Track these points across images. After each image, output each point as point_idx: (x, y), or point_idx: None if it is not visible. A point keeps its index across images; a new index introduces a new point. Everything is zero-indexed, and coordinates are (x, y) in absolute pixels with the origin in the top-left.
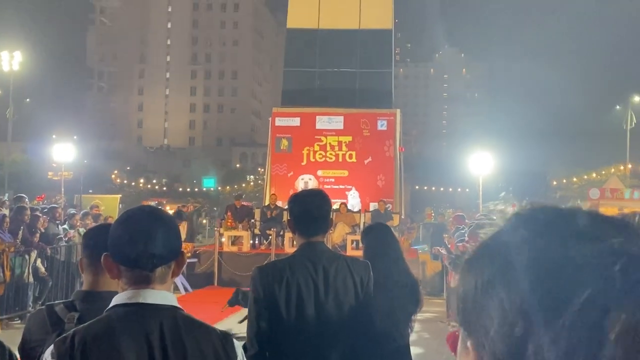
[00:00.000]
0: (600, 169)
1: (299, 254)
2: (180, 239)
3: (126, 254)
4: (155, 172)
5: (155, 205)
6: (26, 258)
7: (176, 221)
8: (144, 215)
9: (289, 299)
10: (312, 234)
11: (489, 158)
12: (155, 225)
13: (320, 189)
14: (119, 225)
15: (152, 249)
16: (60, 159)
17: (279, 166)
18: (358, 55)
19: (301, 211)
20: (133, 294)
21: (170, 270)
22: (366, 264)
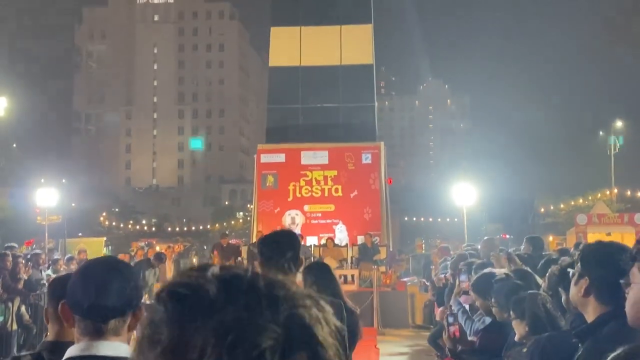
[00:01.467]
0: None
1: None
2: (139, 292)
3: (79, 304)
4: (144, 212)
5: (145, 246)
6: (9, 306)
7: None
8: (101, 267)
9: None
10: (282, 274)
11: (471, 189)
12: (110, 277)
13: (289, 229)
14: (76, 275)
15: (104, 301)
16: (43, 204)
17: (266, 202)
18: (340, 90)
19: (271, 251)
20: (86, 346)
21: (126, 323)
22: (339, 305)
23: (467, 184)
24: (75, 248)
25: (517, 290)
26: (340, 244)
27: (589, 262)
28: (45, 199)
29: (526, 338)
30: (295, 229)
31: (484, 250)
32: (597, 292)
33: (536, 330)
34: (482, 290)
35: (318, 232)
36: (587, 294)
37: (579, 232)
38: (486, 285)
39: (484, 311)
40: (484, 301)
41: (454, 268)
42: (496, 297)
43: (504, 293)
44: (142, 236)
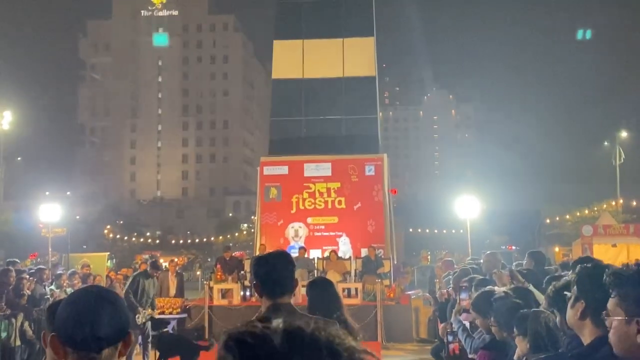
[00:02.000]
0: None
1: (266, 316)
2: (128, 318)
3: (72, 336)
4: (149, 225)
5: (149, 259)
6: (12, 321)
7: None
8: (91, 297)
9: None
10: (278, 295)
11: (474, 201)
12: (102, 307)
13: (283, 250)
14: (66, 307)
15: (98, 332)
16: (47, 219)
17: (269, 215)
18: (343, 102)
19: (266, 273)
20: None
21: (117, 350)
22: (334, 324)
23: (471, 196)
24: (78, 262)
25: (517, 309)
26: (344, 256)
27: (584, 286)
28: (49, 215)
29: (527, 356)
30: (299, 241)
31: (486, 265)
32: (593, 316)
33: (537, 348)
34: (481, 308)
35: (321, 244)
36: (583, 317)
37: (585, 244)
38: (485, 303)
39: (483, 329)
40: (484, 319)
41: (455, 283)
42: (495, 316)
43: (502, 312)
44: (146, 249)
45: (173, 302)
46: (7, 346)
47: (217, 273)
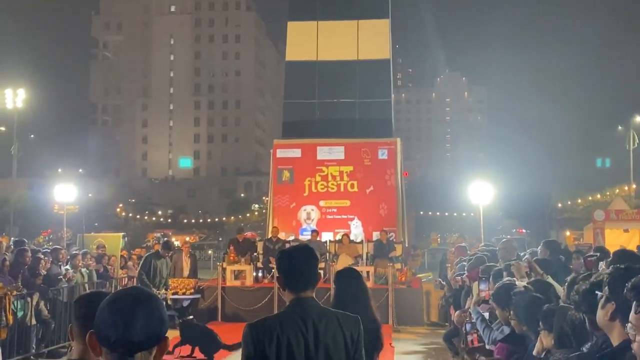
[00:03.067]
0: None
1: (289, 310)
2: (165, 324)
3: (107, 337)
4: (160, 204)
5: (161, 237)
6: (28, 301)
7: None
8: (129, 300)
9: (279, 356)
10: (301, 289)
11: (487, 187)
12: (138, 311)
13: (306, 243)
14: (105, 308)
15: (131, 336)
16: (62, 199)
17: (281, 197)
18: (357, 85)
19: (289, 267)
20: None
21: (152, 355)
22: (356, 319)
23: (484, 182)
24: (93, 242)
25: (537, 304)
26: (356, 239)
27: (616, 287)
28: (64, 195)
29: (550, 351)
30: (311, 224)
31: (502, 253)
32: (623, 317)
33: (562, 344)
34: (501, 301)
35: (333, 227)
36: (612, 319)
37: (597, 228)
38: (506, 296)
39: (502, 321)
40: (503, 311)
41: (470, 271)
42: (515, 310)
43: (522, 306)
44: (158, 227)
45: (186, 282)
46: (22, 325)
47: (230, 254)
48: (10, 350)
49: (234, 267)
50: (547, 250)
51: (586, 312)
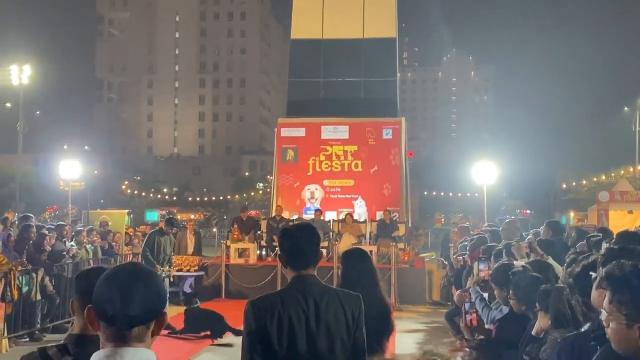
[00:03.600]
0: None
1: (291, 287)
2: (163, 300)
3: (104, 311)
4: (165, 181)
5: (165, 215)
6: (33, 276)
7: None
8: (127, 275)
9: (280, 333)
10: (303, 267)
11: (492, 167)
12: (136, 286)
13: (309, 222)
14: (103, 282)
15: (128, 310)
16: (67, 176)
17: (286, 177)
18: (362, 64)
19: (291, 245)
20: (111, 352)
21: (149, 330)
22: (357, 297)
23: (488, 162)
24: (97, 219)
25: (536, 283)
26: (359, 219)
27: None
28: (69, 171)
29: (548, 331)
30: (315, 203)
31: (505, 233)
32: None
33: (559, 324)
34: (500, 281)
35: (337, 207)
36: None
37: (601, 210)
38: (504, 276)
39: (501, 301)
40: (502, 292)
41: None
42: (514, 289)
43: (521, 286)
44: (163, 205)
45: (191, 259)
46: (28, 300)
47: (234, 233)
48: (16, 325)
49: (237, 245)
50: (549, 231)
51: (580, 294)
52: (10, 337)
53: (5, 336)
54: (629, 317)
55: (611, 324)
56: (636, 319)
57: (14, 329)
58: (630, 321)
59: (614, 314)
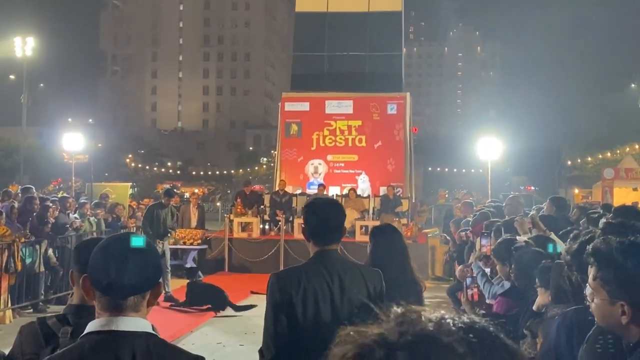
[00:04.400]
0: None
1: (314, 261)
2: (158, 270)
3: (99, 280)
4: (169, 155)
5: (169, 187)
6: (36, 248)
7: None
8: (122, 244)
9: (305, 305)
10: (327, 243)
11: (497, 143)
12: (131, 255)
13: (334, 198)
14: (98, 251)
15: (123, 279)
16: (70, 148)
17: (289, 151)
18: (367, 38)
19: (317, 221)
20: (106, 322)
21: (145, 300)
22: (378, 273)
23: (493, 137)
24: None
25: (537, 259)
26: (363, 194)
27: None
28: (72, 144)
29: (548, 307)
30: (318, 178)
31: (508, 209)
32: None
33: (559, 300)
34: (502, 256)
35: (340, 182)
36: None
37: (605, 187)
38: (506, 251)
39: (503, 276)
40: (504, 267)
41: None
42: (515, 264)
43: (522, 261)
44: (167, 179)
45: (194, 233)
46: (31, 272)
47: (238, 207)
48: (19, 296)
49: (241, 219)
50: (553, 207)
51: (578, 271)
52: (14, 308)
53: (10, 307)
54: (611, 293)
55: (595, 300)
56: (619, 296)
57: (18, 300)
58: (612, 298)
59: (598, 290)
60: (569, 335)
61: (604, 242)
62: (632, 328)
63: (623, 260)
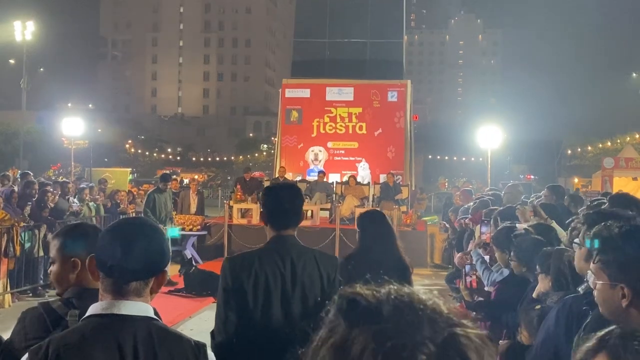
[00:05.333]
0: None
1: (269, 247)
2: (164, 258)
3: (104, 262)
4: (169, 141)
5: (170, 174)
6: (35, 233)
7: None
8: (130, 228)
9: (256, 290)
10: (282, 227)
11: (497, 131)
12: (137, 241)
13: (293, 182)
14: (107, 233)
15: (126, 264)
16: (70, 133)
17: (289, 138)
18: (368, 25)
19: (273, 204)
20: (108, 305)
21: (148, 286)
22: (334, 259)
23: (494, 126)
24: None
25: (537, 245)
26: (363, 181)
27: None
28: (71, 128)
29: (548, 294)
30: (318, 165)
31: (507, 197)
32: None
33: (559, 287)
34: (501, 243)
35: (341, 169)
36: None
37: (605, 176)
38: (506, 239)
39: (502, 264)
40: (503, 254)
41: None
42: (515, 251)
43: (522, 248)
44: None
45: (193, 219)
46: (30, 256)
47: (237, 193)
48: (18, 280)
49: (240, 205)
50: (552, 195)
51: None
52: (13, 292)
53: (9, 291)
54: (612, 276)
55: (597, 286)
56: (619, 279)
57: (17, 285)
58: (613, 281)
59: (599, 273)
60: (569, 322)
61: (605, 227)
62: (632, 312)
63: (623, 243)
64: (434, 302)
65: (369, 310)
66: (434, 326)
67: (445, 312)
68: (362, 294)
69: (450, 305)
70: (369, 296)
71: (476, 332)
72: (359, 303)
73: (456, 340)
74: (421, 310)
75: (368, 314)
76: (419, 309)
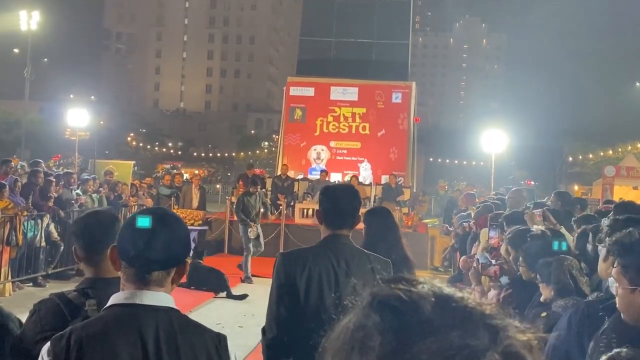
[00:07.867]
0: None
1: (323, 244)
2: (187, 249)
3: (126, 251)
4: (171, 135)
5: (170, 168)
6: (38, 222)
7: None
8: (154, 218)
9: (309, 287)
10: (338, 227)
11: (502, 136)
12: (160, 230)
13: (352, 185)
14: (130, 222)
15: (149, 253)
16: (74, 124)
17: (292, 136)
18: (375, 25)
19: (331, 204)
20: (130, 295)
21: (170, 277)
22: (387, 262)
23: (498, 130)
24: (104, 169)
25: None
26: (364, 182)
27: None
28: (76, 119)
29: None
30: (320, 164)
31: (510, 202)
32: None
33: (562, 293)
34: (517, 243)
35: (343, 168)
36: None
37: (606, 184)
38: (521, 239)
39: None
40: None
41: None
42: (524, 256)
43: (531, 253)
44: (168, 159)
45: (195, 214)
46: (32, 246)
47: (239, 189)
48: (20, 269)
49: None
50: (558, 201)
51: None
52: (14, 281)
53: (10, 280)
54: (632, 281)
55: (619, 291)
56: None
57: (18, 274)
58: (633, 285)
59: (619, 278)
60: (580, 328)
61: (627, 234)
62: None
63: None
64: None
65: (413, 317)
66: (493, 335)
67: (502, 321)
68: (398, 296)
69: None
70: (407, 298)
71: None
72: (396, 307)
73: (516, 350)
74: (475, 317)
75: (414, 322)
76: (472, 317)
